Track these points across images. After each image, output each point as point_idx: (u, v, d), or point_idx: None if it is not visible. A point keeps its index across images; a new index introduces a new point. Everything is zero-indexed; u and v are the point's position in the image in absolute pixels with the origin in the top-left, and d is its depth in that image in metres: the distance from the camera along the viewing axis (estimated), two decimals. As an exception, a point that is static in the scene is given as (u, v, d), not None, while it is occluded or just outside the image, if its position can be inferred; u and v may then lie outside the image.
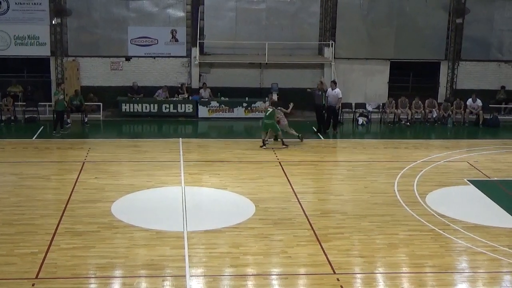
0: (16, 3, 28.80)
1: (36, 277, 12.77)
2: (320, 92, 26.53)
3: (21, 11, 28.91)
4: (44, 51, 29.32)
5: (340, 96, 26.82)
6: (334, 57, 29.90)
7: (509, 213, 17.12)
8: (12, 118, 27.64)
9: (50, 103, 27.45)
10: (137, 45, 29.79)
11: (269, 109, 23.99)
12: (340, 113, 28.87)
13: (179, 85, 29.70)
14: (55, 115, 25.73)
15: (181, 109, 28.93)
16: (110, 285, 12.73)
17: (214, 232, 15.32)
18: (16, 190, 18.29)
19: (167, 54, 30.02)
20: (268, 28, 30.24)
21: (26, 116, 27.88)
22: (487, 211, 17.41)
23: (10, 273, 12.91)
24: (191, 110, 28.91)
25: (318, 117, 26.86)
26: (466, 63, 31.19)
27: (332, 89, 26.76)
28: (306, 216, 16.51)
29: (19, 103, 28.63)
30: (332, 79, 28.33)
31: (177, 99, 29.11)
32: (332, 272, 13.32)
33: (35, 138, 24.83)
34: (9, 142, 23.96)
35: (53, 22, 28.84)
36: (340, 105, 27.23)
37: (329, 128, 26.75)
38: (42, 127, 26.58)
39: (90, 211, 16.54)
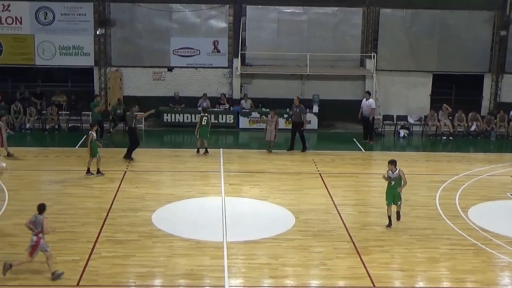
0: (61, 14, 29.34)
1: (77, 285, 12.94)
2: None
3: (66, 22, 29.43)
4: (88, 61, 29.78)
5: (374, 106, 26.89)
6: (376, 69, 29.75)
7: (553, 229, 16.83)
8: (56, 126, 28.07)
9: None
10: (179, 55, 30.06)
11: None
12: (382, 126, 28.76)
13: (220, 96, 29.82)
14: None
15: (222, 119, 29.03)
16: (150, 294, 12.86)
17: (253, 243, 15.34)
18: (59, 198, 18.56)
19: (209, 64, 30.21)
20: (309, 39, 30.23)
21: (69, 125, 28.31)
22: (530, 227, 17.13)
23: (52, 280, 13.07)
24: (232, 120, 29.01)
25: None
26: (510, 75, 30.76)
27: (366, 100, 26.77)
28: (346, 229, 16.43)
29: (63, 112, 29.11)
30: (366, 90, 28.29)
31: (218, 109, 29.23)
32: (372, 285, 13.24)
33: (78, 146, 25.15)
34: (52, 151, 24.30)
35: (97, 33, 29.30)
36: (374, 115, 27.28)
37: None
38: (85, 136, 26.84)
39: (131, 220, 16.70)
